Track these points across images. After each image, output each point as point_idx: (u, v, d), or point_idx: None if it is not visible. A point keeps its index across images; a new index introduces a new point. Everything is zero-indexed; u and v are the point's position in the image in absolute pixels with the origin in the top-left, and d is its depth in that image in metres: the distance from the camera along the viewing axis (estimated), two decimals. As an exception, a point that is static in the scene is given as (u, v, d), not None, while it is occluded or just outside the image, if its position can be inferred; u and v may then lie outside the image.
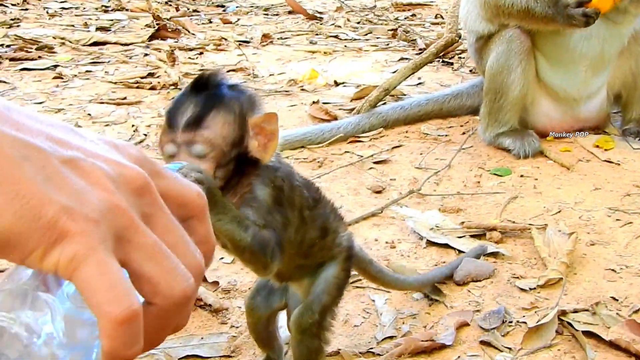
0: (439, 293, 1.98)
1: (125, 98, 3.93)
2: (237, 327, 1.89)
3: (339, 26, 5.82)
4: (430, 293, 1.97)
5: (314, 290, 1.56)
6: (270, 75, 4.38)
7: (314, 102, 3.54)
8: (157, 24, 5.59)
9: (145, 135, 3.33)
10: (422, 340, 1.78)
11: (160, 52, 4.90)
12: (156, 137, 3.23)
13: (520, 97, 2.96)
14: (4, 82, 4.26)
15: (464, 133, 3.21)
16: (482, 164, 2.87)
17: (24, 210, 0.58)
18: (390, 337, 1.84)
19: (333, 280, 1.57)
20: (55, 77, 4.34)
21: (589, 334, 1.79)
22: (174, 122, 1.32)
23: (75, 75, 4.39)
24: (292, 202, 1.45)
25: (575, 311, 1.87)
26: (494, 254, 2.17)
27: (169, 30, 5.58)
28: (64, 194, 0.60)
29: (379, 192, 2.66)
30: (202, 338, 1.84)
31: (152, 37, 5.42)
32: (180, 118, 1.31)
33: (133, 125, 3.44)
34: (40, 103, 3.89)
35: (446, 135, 3.19)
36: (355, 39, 5.29)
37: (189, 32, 5.64)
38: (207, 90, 1.35)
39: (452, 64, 4.36)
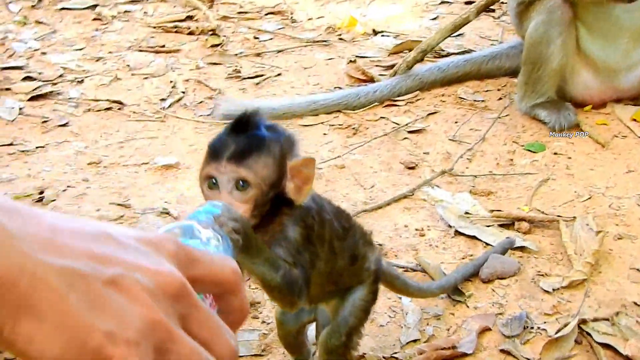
0: (460, 294, 2.03)
1: (163, 46, 3.94)
2: (267, 324, 1.96)
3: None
4: (452, 294, 2.02)
5: (342, 313, 1.61)
6: (308, 19, 4.34)
7: (350, 61, 3.53)
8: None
9: (183, 92, 3.36)
10: (444, 348, 1.84)
11: (199, -11, 4.87)
12: (194, 97, 3.27)
13: (558, 69, 2.93)
14: (44, 23, 4.30)
15: (500, 99, 3.19)
16: (517, 137, 2.87)
17: (70, 340, 0.64)
18: (414, 341, 1.90)
19: (360, 303, 1.63)
20: (94, 19, 4.36)
21: (606, 346, 1.83)
22: (217, 158, 1.35)
23: (114, 17, 4.40)
24: (322, 237, 1.49)
25: (596, 320, 1.91)
26: (521, 248, 2.20)
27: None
28: (107, 319, 0.66)
29: (411, 168, 2.69)
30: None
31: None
32: (223, 155, 1.34)
33: (171, 82, 3.47)
34: (80, 50, 3.93)
35: (482, 101, 3.18)
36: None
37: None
38: (248, 131, 1.37)
39: (493, 10, 4.28)
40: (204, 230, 1.05)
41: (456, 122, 3.01)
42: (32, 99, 3.32)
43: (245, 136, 1.36)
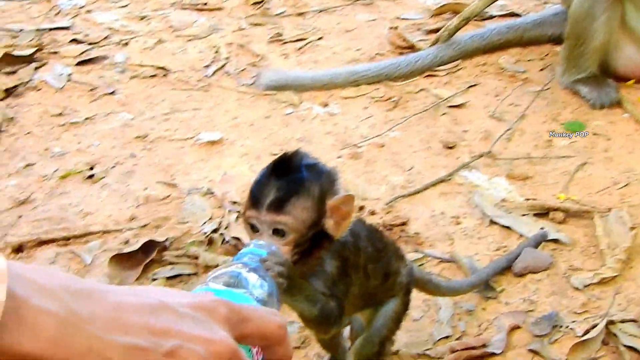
0: (491, 290, 2.10)
1: (206, 4, 3.97)
2: (306, 316, 2.06)
3: None
4: (483, 290, 2.09)
5: (374, 324, 1.70)
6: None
7: (392, 28, 3.54)
8: None
9: (227, 58, 3.41)
10: (475, 347, 1.92)
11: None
12: (237, 64, 3.33)
13: (601, 45, 2.92)
14: (90, -23, 4.33)
15: (542, 69, 3.20)
16: (557, 114, 2.89)
17: None
18: (447, 337, 1.98)
19: (392, 315, 1.71)
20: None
21: (633, 349, 1.90)
22: (257, 203, 1.40)
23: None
24: (357, 265, 1.56)
25: (623, 321, 1.97)
26: (554, 240, 2.26)
27: None
28: None
29: (450, 147, 2.73)
30: (275, 327, 2.02)
31: None
32: (263, 200, 1.40)
33: (214, 46, 3.51)
34: (124, 7, 3.98)
35: (524, 72, 3.18)
36: None
37: None
38: (288, 174, 1.42)
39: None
40: (249, 276, 1.14)
41: (496, 97, 3.03)
42: (79, 63, 3.39)
43: (284, 180, 1.41)
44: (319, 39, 3.59)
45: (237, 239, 2.26)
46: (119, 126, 2.96)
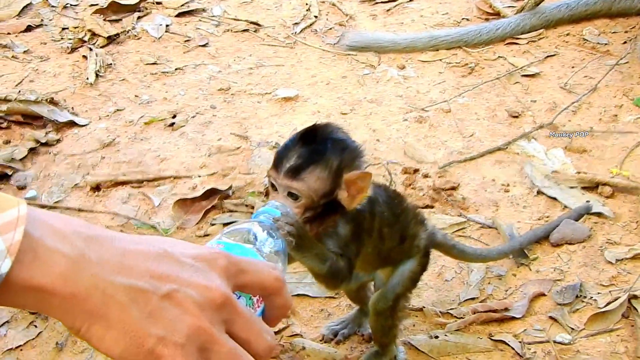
0: (524, 257, 2.18)
1: (308, -38, 4.09)
2: (345, 268, 2.21)
3: None
4: (515, 256, 2.18)
5: (391, 281, 1.82)
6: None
7: (480, -6, 3.58)
8: None
9: (316, 17, 3.55)
10: (495, 311, 2.02)
11: None
12: (325, 23, 3.45)
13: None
14: None
15: (625, 42, 3.18)
16: (629, 89, 2.89)
17: (131, 342, 0.88)
18: (473, 299, 2.09)
19: (409, 274, 1.83)
20: None
21: (651, 324, 1.96)
22: (279, 166, 1.53)
23: None
24: (371, 229, 1.68)
25: (647, 296, 2.03)
26: (598, 214, 2.31)
27: None
28: (160, 326, 0.89)
29: (515, 117, 2.79)
30: (313, 276, 2.18)
31: None
32: (284, 164, 1.52)
33: (307, 4, 3.64)
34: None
35: (606, 44, 3.18)
36: None
37: None
38: (313, 143, 1.53)
39: None
40: (260, 233, 1.27)
41: (572, 68, 3.05)
42: (179, 15, 3.60)
43: (307, 149, 1.52)
44: (409, 1, 3.67)
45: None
46: (206, 78, 3.15)
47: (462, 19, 3.48)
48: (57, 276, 0.83)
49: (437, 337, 1.98)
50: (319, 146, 1.53)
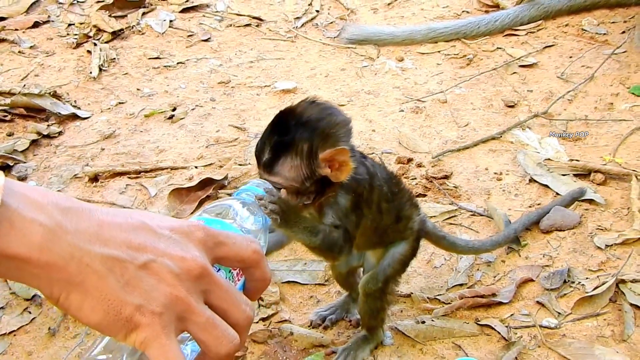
0: (517, 243, 2.20)
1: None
2: (336, 255, 2.24)
3: None
4: (509, 242, 2.20)
5: (382, 263, 1.85)
6: None
7: (480, -14, 3.60)
8: None
9: (317, 11, 3.58)
10: (482, 296, 2.04)
11: None
12: (327, 17, 3.48)
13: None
14: None
15: (623, 32, 3.19)
16: (626, 77, 2.90)
17: (108, 310, 0.89)
18: (461, 285, 2.11)
19: (399, 257, 1.86)
20: None
21: (637, 307, 1.97)
22: (258, 160, 1.57)
23: None
24: (370, 201, 1.71)
25: (635, 281, 2.04)
26: (589, 200, 2.32)
27: None
28: (137, 295, 0.90)
29: (510, 106, 2.81)
30: (305, 264, 2.22)
31: None
32: (259, 159, 1.56)
33: (310, -3, 3.69)
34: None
35: (604, 34, 3.19)
36: None
37: None
38: (281, 132, 1.55)
39: None
40: (240, 209, 1.29)
41: (570, 57, 3.06)
42: (183, 10, 3.65)
43: (276, 141, 1.54)
44: (411, -5, 3.69)
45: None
46: (207, 71, 3.19)
47: (463, 11, 3.50)
48: (33, 245, 0.84)
49: (423, 322, 2.00)
50: (286, 135, 1.54)
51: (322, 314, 2.04)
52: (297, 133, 1.55)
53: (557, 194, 2.38)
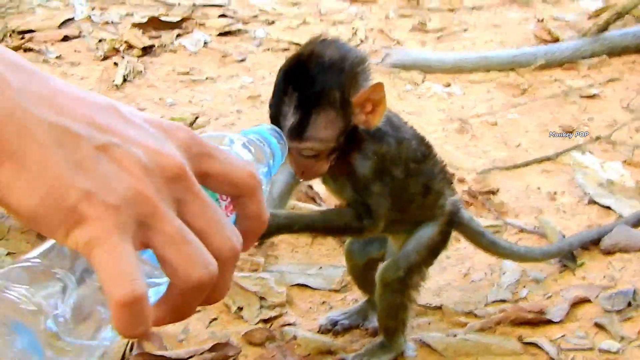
0: (572, 260, 1.86)
1: (362, -6, 3.94)
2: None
3: None
4: (563, 258, 1.86)
5: (405, 247, 1.54)
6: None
7: (539, 21, 3.34)
8: None
9: (362, 40, 3.35)
10: (528, 311, 1.70)
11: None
12: (371, 46, 3.25)
13: None
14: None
15: (698, 71, 2.88)
16: (701, 112, 2.58)
17: (48, 193, 0.63)
18: (503, 301, 1.78)
19: (426, 241, 1.53)
20: (306, -32, 4.45)
21: None
22: (278, 125, 1.29)
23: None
24: (398, 159, 1.43)
25: None
26: (659, 224, 1.99)
27: None
28: (89, 180, 0.64)
29: (569, 132, 2.50)
30: (320, 268, 1.90)
31: None
32: (283, 124, 1.29)
33: (353, 28, 3.46)
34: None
35: (677, 73, 2.88)
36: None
37: None
38: (304, 85, 1.30)
39: None
40: (239, 148, 0.99)
41: (637, 92, 2.75)
42: (220, 34, 3.44)
43: (300, 98, 1.29)
44: (463, 30, 3.45)
45: (310, 187, 2.16)
46: (237, 87, 2.96)
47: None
48: None
49: (455, 335, 1.66)
50: (312, 86, 1.29)
51: (333, 318, 1.72)
52: (324, 80, 1.29)
53: (621, 216, 2.04)
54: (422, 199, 1.51)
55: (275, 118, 1.30)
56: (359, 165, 1.38)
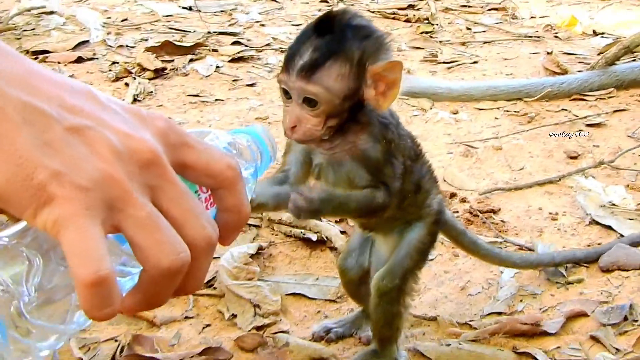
0: (559, 276, 1.85)
1: (375, 28, 3.98)
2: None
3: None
4: (549, 274, 1.86)
5: (397, 253, 1.52)
6: (531, 17, 4.20)
7: (548, 53, 3.36)
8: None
9: (372, 68, 3.37)
10: (523, 323, 1.68)
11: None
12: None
13: None
14: (275, 0, 4.50)
15: None
16: None
17: (16, 171, 0.63)
18: (499, 313, 1.76)
19: (417, 244, 1.52)
20: (321, 1, 4.50)
21: None
22: (290, 65, 1.27)
23: (342, 1, 4.52)
24: (401, 151, 1.41)
25: None
26: (659, 245, 1.97)
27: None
28: (58, 160, 0.64)
29: (573, 157, 2.50)
30: (317, 279, 1.90)
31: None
32: (296, 61, 1.26)
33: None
34: (297, 25, 4.06)
35: (683, 105, 2.88)
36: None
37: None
38: (330, 33, 1.27)
39: None
40: (224, 144, 0.98)
41: (644, 122, 2.76)
42: (232, 60, 3.48)
43: (321, 40, 1.26)
44: (474, 62, 3.47)
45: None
46: (246, 109, 2.98)
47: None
48: None
49: (448, 345, 1.65)
50: (335, 35, 1.27)
51: (327, 326, 1.70)
52: (349, 36, 1.27)
53: (621, 235, 2.03)
54: (414, 197, 1.50)
55: (291, 57, 1.27)
56: (369, 148, 1.35)
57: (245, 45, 3.68)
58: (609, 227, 2.07)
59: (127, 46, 3.65)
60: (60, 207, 0.63)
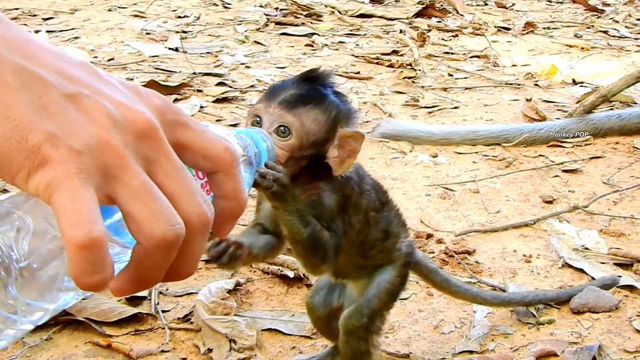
0: (529, 316, 1.88)
1: (358, 72, 4.05)
2: (330, 311, 1.94)
3: (617, 21, 5.49)
4: (520, 314, 1.89)
5: (366, 294, 1.55)
6: (512, 66, 4.28)
7: (527, 100, 3.42)
8: (428, 1, 5.65)
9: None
10: (494, 362, 1.71)
11: (417, 30, 4.96)
12: (363, 118, 3.32)
13: None
14: (260, 44, 4.57)
15: (679, 153, 2.94)
16: (680, 189, 2.63)
17: (11, 132, 0.62)
18: (471, 352, 1.79)
19: (386, 286, 1.55)
20: (307, 45, 4.58)
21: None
22: (272, 96, 1.33)
23: (327, 45, 4.59)
24: (359, 207, 1.45)
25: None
26: (630, 287, 2.01)
27: (437, 9, 5.62)
28: (54, 124, 0.63)
29: (549, 202, 2.54)
30: (293, 315, 1.92)
31: (417, 14, 5.50)
32: (280, 94, 1.32)
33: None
34: (282, 68, 4.13)
35: (659, 155, 2.94)
36: (623, 37, 4.97)
37: (457, 12, 5.63)
38: (316, 84, 1.35)
39: None
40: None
41: (619, 169, 2.81)
42: (216, 101, 3.53)
43: (307, 87, 1.34)
44: (454, 107, 3.53)
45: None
46: (228, 148, 3.01)
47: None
48: None
49: (420, 381, 1.67)
50: (320, 89, 1.35)
51: (300, 360, 1.73)
52: (330, 94, 1.36)
53: (593, 278, 2.06)
54: (382, 244, 1.54)
55: (275, 90, 1.34)
56: (325, 197, 1.39)
57: (230, 87, 3.73)
58: (581, 270, 2.11)
59: (113, 84, 3.68)
60: (53, 170, 0.62)
